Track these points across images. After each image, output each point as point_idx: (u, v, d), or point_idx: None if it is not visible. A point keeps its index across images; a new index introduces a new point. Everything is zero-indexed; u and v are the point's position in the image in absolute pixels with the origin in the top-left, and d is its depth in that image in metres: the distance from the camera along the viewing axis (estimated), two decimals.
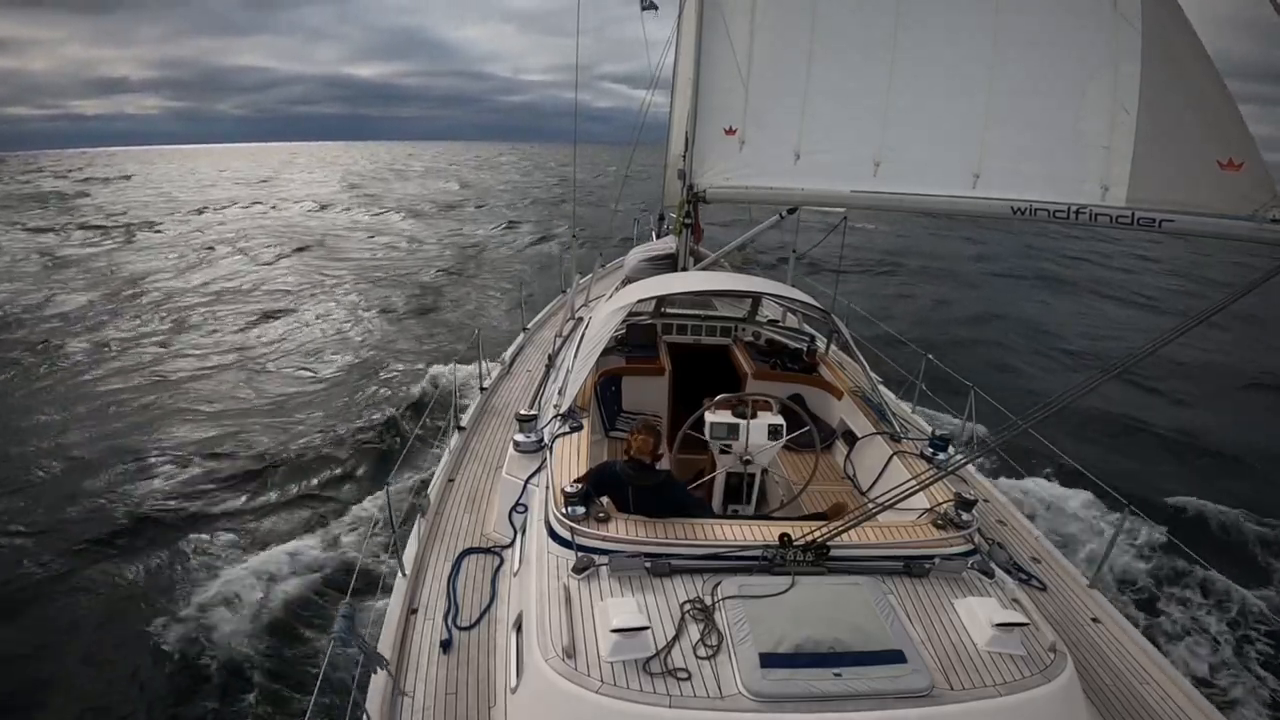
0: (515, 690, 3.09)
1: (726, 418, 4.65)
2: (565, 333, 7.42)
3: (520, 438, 5.02)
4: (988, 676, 2.86)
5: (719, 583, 3.17)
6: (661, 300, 7.11)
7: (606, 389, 6.22)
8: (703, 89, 7.39)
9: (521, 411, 5.35)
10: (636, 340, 6.75)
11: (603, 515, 3.50)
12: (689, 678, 2.73)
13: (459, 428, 6.59)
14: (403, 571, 4.42)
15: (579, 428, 4.61)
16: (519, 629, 3.29)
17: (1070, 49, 4.80)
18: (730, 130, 7.26)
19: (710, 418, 4.65)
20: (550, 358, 6.81)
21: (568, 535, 3.42)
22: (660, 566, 3.26)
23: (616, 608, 2.97)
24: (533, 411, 5.35)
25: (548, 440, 4.71)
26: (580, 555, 3.30)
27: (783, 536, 3.32)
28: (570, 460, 4.24)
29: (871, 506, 3.66)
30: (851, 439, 5.57)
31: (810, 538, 3.31)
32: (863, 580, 3.22)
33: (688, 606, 3.06)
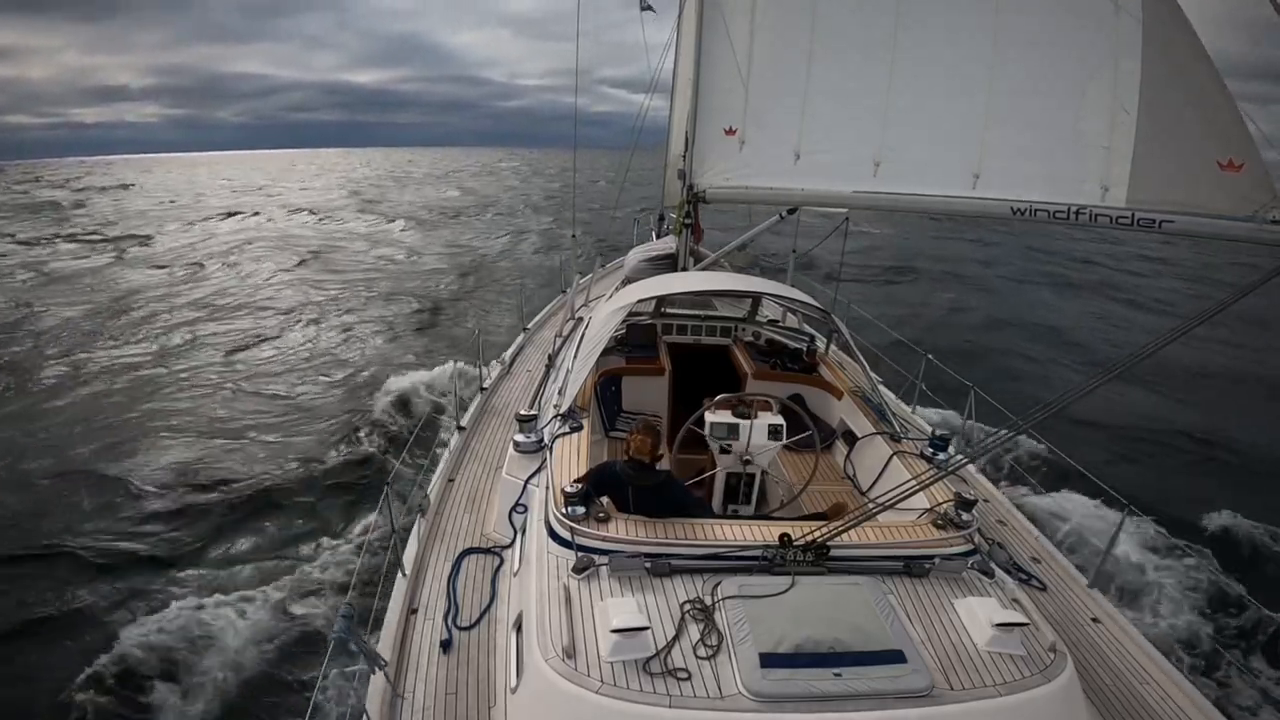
0: (515, 690, 3.09)
1: (726, 418, 4.64)
2: (565, 333, 7.41)
3: (520, 438, 5.02)
4: (988, 676, 2.86)
5: (719, 583, 3.17)
6: (661, 300, 7.11)
7: (606, 389, 6.21)
8: (703, 89, 7.39)
9: (521, 411, 5.35)
10: (636, 340, 6.74)
11: (603, 515, 3.50)
12: (689, 678, 2.73)
13: (459, 428, 6.59)
14: (403, 571, 4.42)
15: (579, 428, 4.61)
16: (519, 629, 3.29)
17: (1070, 49, 4.80)
18: (730, 130, 7.26)
19: (710, 418, 4.65)
20: (550, 358, 6.80)
21: (568, 535, 3.41)
22: (660, 566, 3.26)
23: (616, 608, 2.97)
24: (533, 412, 5.34)
25: (548, 440, 4.70)
26: (580, 555, 3.30)
27: (783, 536, 3.32)
28: (570, 460, 4.24)
29: (871, 506, 3.66)
30: (851, 439, 5.56)
31: (810, 538, 3.31)
32: (863, 580, 3.22)
33: (688, 606, 3.05)
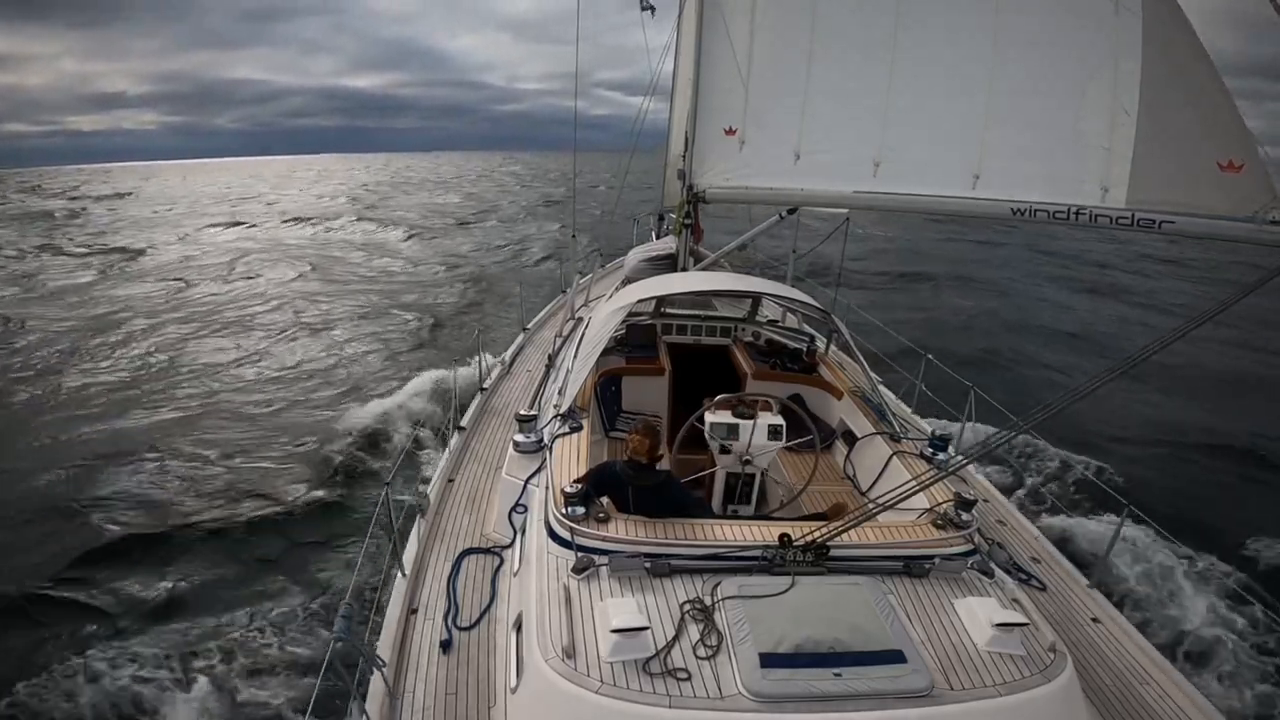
0: (515, 690, 3.09)
1: (726, 418, 4.64)
2: (565, 333, 7.41)
3: (520, 438, 5.02)
4: (988, 676, 2.86)
5: (719, 583, 3.17)
6: (661, 300, 7.11)
7: (606, 389, 6.21)
8: (703, 89, 7.39)
9: (521, 412, 5.35)
10: (636, 340, 6.74)
11: (602, 515, 3.50)
12: (689, 678, 2.73)
13: (459, 428, 6.60)
14: (403, 571, 4.42)
15: (579, 428, 4.61)
16: (519, 629, 3.29)
17: (1070, 49, 4.80)
18: (730, 130, 7.26)
19: (710, 418, 4.65)
20: (550, 358, 6.81)
21: (568, 535, 3.41)
22: (660, 567, 3.26)
23: (616, 608, 2.97)
24: (533, 412, 5.34)
25: (547, 440, 4.70)
26: (580, 555, 3.30)
27: (783, 537, 3.32)
28: (570, 460, 4.24)
29: (871, 506, 3.66)
30: (851, 439, 5.56)
31: (810, 538, 3.31)
32: (863, 580, 3.22)
33: (688, 607, 3.05)
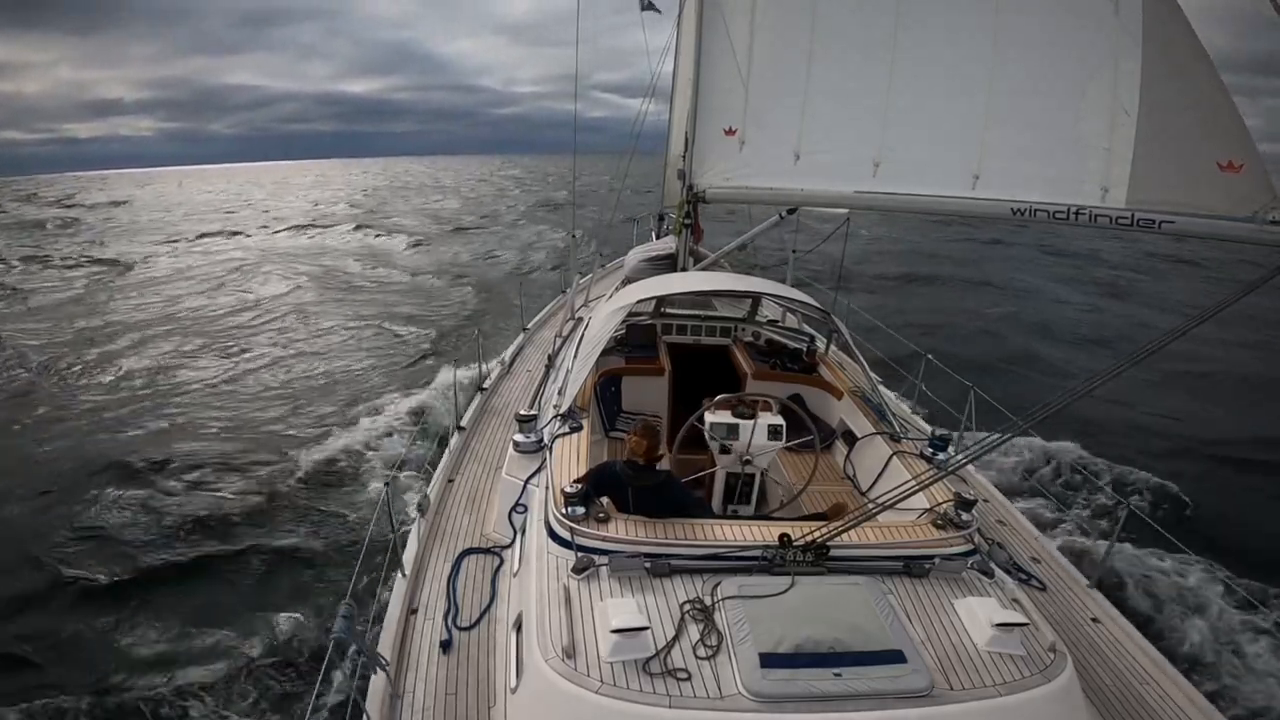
0: (515, 690, 3.09)
1: (726, 418, 4.64)
2: (565, 333, 7.42)
3: (520, 438, 5.02)
4: (988, 676, 2.85)
5: (719, 583, 3.17)
6: (661, 300, 7.11)
7: (606, 389, 6.21)
8: (703, 89, 7.39)
9: (521, 412, 5.35)
10: (636, 340, 6.74)
11: (602, 515, 3.50)
12: (689, 678, 2.73)
13: (459, 428, 6.60)
14: (403, 572, 4.42)
15: (579, 428, 4.61)
16: (519, 629, 3.29)
17: (1070, 49, 4.80)
18: (730, 130, 7.26)
19: (710, 418, 4.65)
20: (550, 358, 6.81)
21: (567, 535, 3.41)
22: (660, 567, 3.26)
23: (616, 608, 2.97)
24: (532, 412, 5.34)
25: (547, 440, 4.70)
26: (580, 555, 3.30)
27: (783, 537, 3.32)
28: (570, 460, 4.24)
29: (871, 506, 3.66)
30: (851, 439, 5.57)
31: (810, 538, 3.31)
32: (862, 580, 3.22)
33: (687, 607, 3.05)
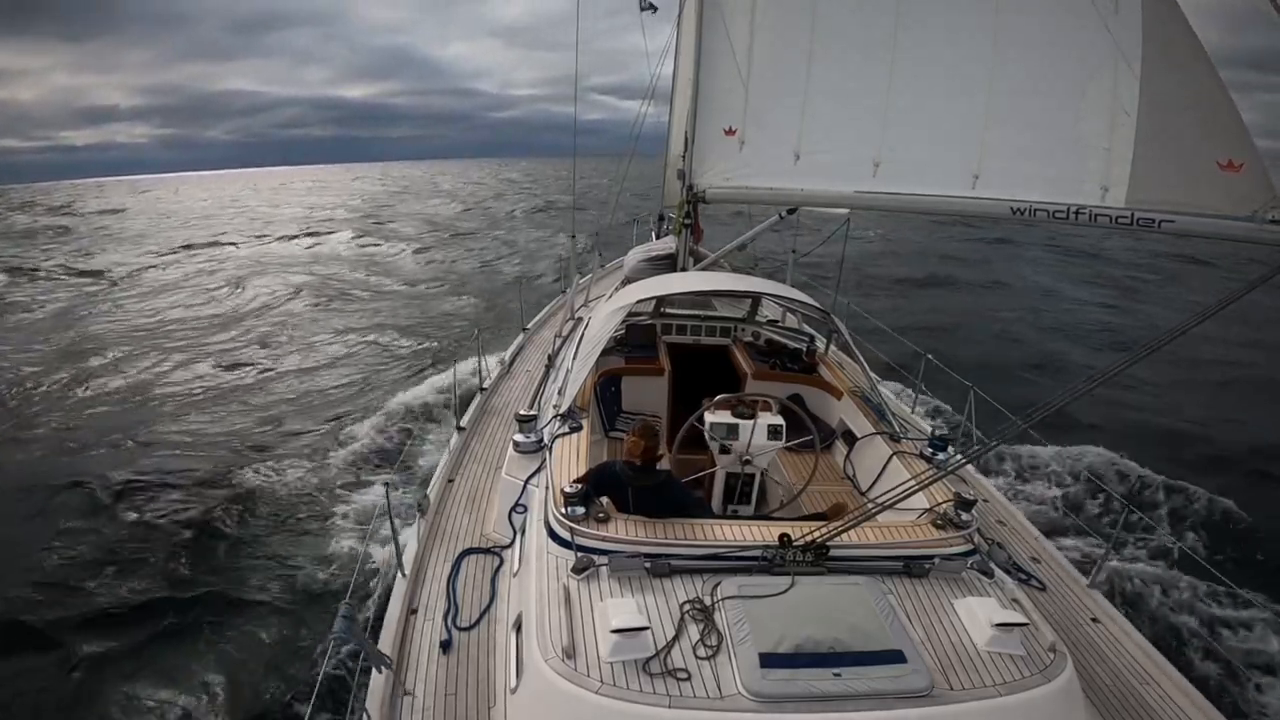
0: (515, 690, 3.09)
1: (726, 418, 4.64)
2: (565, 333, 7.42)
3: (520, 438, 5.02)
4: (987, 676, 2.85)
5: (719, 583, 3.17)
6: (661, 300, 7.11)
7: (606, 389, 6.21)
8: (702, 89, 7.39)
9: (521, 412, 5.35)
10: (636, 340, 6.74)
11: (602, 515, 3.50)
12: (689, 678, 2.73)
13: (459, 428, 6.60)
14: (402, 572, 4.42)
15: (579, 428, 4.61)
16: (519, 629, 3.29)
17: (1070, 49, 4.80)
18: (730, 130, 7.27)
19: (710, 418, 4.65)
20: (550, 358, 6.81)
21: (567, 535, 3.41)
22: (660, 567, 3.26)
23: (616, 608, 2.97)
24: (532, 412, 5.34)
25: (547, 440, 4.70)
26: (580, 555, 3.30)
27: (782, 537, 3.32)
28: (570, 460, 4.24)
29: (871, 506, 3.66)
30: (851, 439, 5.56)
31: (810, 538, 3.30)
32: (862, 580, 3.22)
33: (687, 607, 3.05)
